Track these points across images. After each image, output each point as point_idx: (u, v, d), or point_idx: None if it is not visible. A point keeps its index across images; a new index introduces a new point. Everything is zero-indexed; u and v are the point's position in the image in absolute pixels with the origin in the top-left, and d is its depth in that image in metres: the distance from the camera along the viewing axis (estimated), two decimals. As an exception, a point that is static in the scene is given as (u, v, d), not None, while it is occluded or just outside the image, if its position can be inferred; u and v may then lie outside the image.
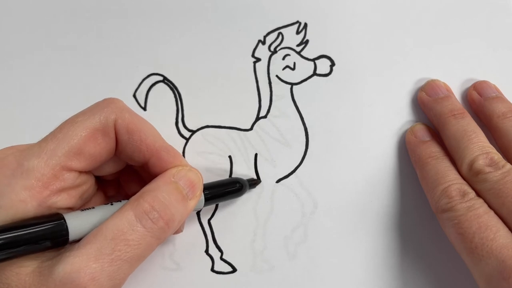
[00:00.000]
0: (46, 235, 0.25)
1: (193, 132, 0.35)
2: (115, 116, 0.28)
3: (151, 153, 0.29)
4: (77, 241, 0.26)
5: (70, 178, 0.27)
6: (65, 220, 0.26)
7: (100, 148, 0.28)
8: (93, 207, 0.27)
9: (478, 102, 0.34)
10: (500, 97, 0.34)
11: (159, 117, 0.36)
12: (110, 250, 0.25)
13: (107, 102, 0.28)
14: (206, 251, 0.34)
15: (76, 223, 0.26)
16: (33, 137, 0.35)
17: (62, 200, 0.27)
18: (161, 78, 0.36)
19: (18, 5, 0.37)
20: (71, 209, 0.28)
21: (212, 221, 0.34)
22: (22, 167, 0.26)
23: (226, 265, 0.34)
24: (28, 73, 0.36)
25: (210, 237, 0.34)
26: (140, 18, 0.37)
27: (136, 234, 0.26)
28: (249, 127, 0.35)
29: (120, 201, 0.28)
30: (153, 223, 0.26)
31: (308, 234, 0.34)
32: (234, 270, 0.34)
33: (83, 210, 0.27)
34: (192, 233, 0.34)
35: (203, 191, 0.31)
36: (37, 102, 0.36)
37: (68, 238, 0.26)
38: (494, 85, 0.34)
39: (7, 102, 0.36)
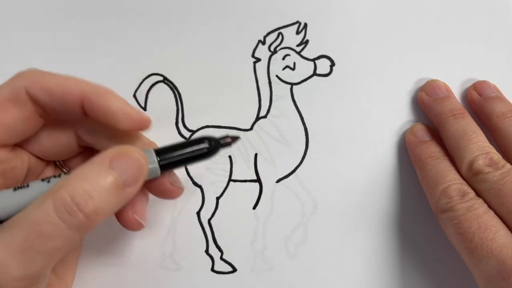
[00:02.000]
0: None
1: (193, 132, 0.35)
2: (25, 82, 0.27)
3: (80, 100, 0.27)
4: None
5: None
6: None
7: (13, 117, 0.27)
8: (27, 185, 0.26)
9: (478, 102, 0.34)
10: (500, 97, 0.34)
11: (159, 117, 0.35)
12: (22, 240, 0.23)
13: (18, 73, 0.28)
14: (206, 251, 0.34)
15: (4, 202, 0.25)
16: (33, 137, 0.35)
17: None
18: (161, 78, 0.36)
19: (18, 5, 0.37)
20: None
21: (212, 221, 0.34)
22: None
23: (226, 265, 0.34)
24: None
25: (210, 237, 0.34)
26: (140, 18, 0.37)
27: (52, 227, 0.24)
28: (249, 127, 0.35)
29: (59, 176, 0.26)
30: (71, 216, 0.24)
31: (308, 234, 0.34)
32: (234, 270, 0.34)
33: (16, 189, 0.26)
34: (192, 233, 0.34)
35: (159, 156, 0.27)
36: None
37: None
38: (494, 85, 0.34)
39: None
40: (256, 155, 0.35)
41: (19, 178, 0.29)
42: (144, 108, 0.36)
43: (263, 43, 0.36)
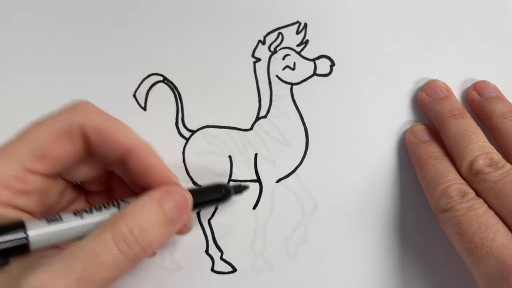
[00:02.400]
0: (5, 250, 0.24)
1: (193, 132, 0.35)
2: (82, 118, 0.28)
3: (124, 151, 0.28)
4: (41, 250, 0.26)
5: (33, 181, 0.27)
6: (26, 232, 0.25)
7: (66, 150, 0.27)
8: (60, 217, 0.27)
9: (478, 102, 0.34)
10: (500, 97, 0.34)
11: (159, 117, 0.36)
12: (80, 269, 0.24)
13: (75, 105, 0.28)
14: (206, 251, 0.34)
15: (39, 235, 0.25)
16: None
17: (23, 203, 0.26)
18: (161, 78, 0.36)
19: (18, 5, 0.37)
20: (32, 213, 0.28)
21: (212, 221, 0.34)
22: None
23: (226, 265, 0.34)
24: (28, 73, 0.36)
25: (210, 237, 0.34)
26: (140, 18, 0.37)
27: (110, 257, 0.25)
28: (249, 127, 0.35)
29: (91, 211, 0.27)
30: (129, 248, 0.26)
31: (308, 234, 0.34)
32: (234, 270, 0.34)
33: (49, 221, 0.26)
34: (192, 233, 0.34)
35: None
36: (37, 102, 0.36)
37: (29, 251, 0.25)
38: (494, 85, 0.34)
39: (7, 102, 0.36)
40: (256, 155, 0.35)
41: (52, 203, 0.30)
42: (144, 108, 0.36)
43: (263, 43, 0.36)
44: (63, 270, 0.24)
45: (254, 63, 0.36)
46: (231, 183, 0.33)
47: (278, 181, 0.35)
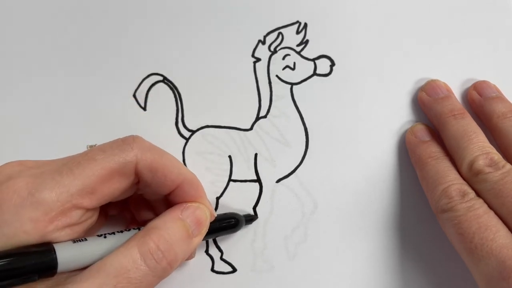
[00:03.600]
0: (33, 266, 0.24)
1: (193, 132, 0.35)
2: (136, 157, 0.28)
3: (175, 187, 0.29)
4: (67, 272, 0.26)
5: (77, 215, 0.27)
6: (55, 252, 0.25)
7: (115, 188, 0.28)
8: (85, 239, 0.27)
9: (478, 102, 0.34)
10: (500, 97, 0.34)
11: (159, 117, 0.36)
12: (112, 286, 0.24)
13: (128, 141, 0.28)
14: (206, 251, 0.34)
15: (66, 255, 0.25)
16: (33, 137, 0.35)
17: (65, 235, 0.26)
18: (161, 78, 0.36)
19: (18, 5, 0.37)
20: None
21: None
22: (32, 198, 0.25)
23: (226, 265, 0.34)
24: (28, 73, 0.36)
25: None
26: (140, 18, 0.37)
27: (139, 273, 0.25)
28: (249, 127, 0.35)
29: (114, 234, 0.28)
30: (157, 263, 0.26)
31: (308, 234, 0.34)
32: (234, 270, 0.34)
33: (74, 242, 0.26)
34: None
35: None
36: (36, 102, 0.36)
37: (56, 271, 0.25)
38: (494, 85, 0.34)
39: (7, 102, 0.36)
40: (256, 155, 0.35)
41: (85, 230, 0.29)
42: (144, 108, 0.36)
43: (263, 43, 0.36)
44: (93, 287, 0.24)
45: (254, 63, 0.36)
46: (241, 213, 0.34)
47: (278, 181, 0.35)
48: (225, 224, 0.32)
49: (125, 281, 0.25)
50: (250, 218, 0.34)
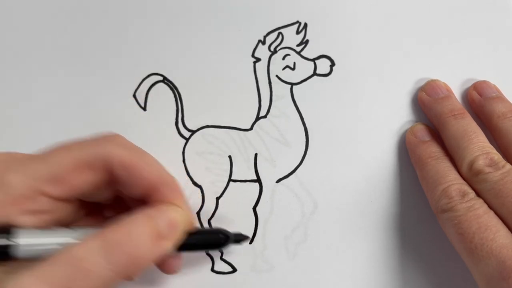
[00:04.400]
0: None
1: (193, 132, 0.35)
2: (110, 152, 0.27)
3: (150, 188, 0.28)
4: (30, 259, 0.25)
5: (44, 202, 0.26)
6: (12, 235, 0.25)
7: (84, 181, 0.27)
8: (52, 228, 0.26)
9: (478, 102, 0.34)
10: (500, 97, 0.34)
11: (159, 117, 0.36)
12: (65, 276, 0.23)
13: (108, 138, 0.28)
14: (206, 251, 0.34)
15: (26, 241, 0.25)
16: (33, 137, 0.35)
17: (29, 222, 0.26)
18: (161, 78, 0.36)
19: (18, 5, 0.37)
20: None
21: (212, 221, 0.34)
22: (1, 179, 0.25)
23: (226, 265, 0.34)
24: (28, 73, 0.36)
25: (210, 237, 0.34)
26: (140, 18, 0.37)
27: (96, 266, 0.24)
28: (249, 127, 0.35)
29: (84, 228, 0.27)
30: (117, 257, 0.25)
31: (308, 234, 0.34)
32: (234, 270, 0.34)
33: (39, 230, 0.26)
34: (192, 233, 0.34)
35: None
36: (36, 102, 0.36)
37: (13, 256, 0.25)
38: (494, 85, 0.34)
39: (7, 102, 0.36)
40: (256, 155, 0.35)
41: (64, 220, 0.29)
42: (144, 108, 0.36)
43: (263, 43, 0.36)
44: (46, 275, 0.23)
45: (254, 63, 0.36)
46: (232, 231, 0.31)
47: (278, 181, 0.35)
48: (210, 240, 0.30)
49: (81, 273, 0.23)
50: (241, 239, 0.32)
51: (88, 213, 0.31)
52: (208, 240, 0.30)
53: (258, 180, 0.35)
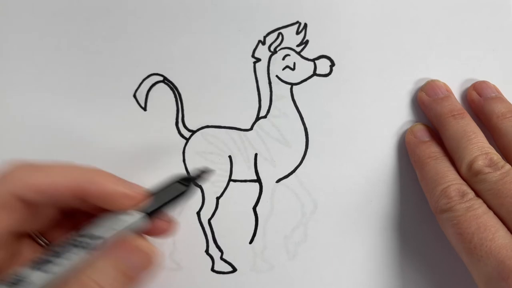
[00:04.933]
0: None
1: (193, 132, 0.35)
2: (12, 187, 0.26)
3: (75, 190, 0.27)
4: None
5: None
6: None
7: (2, 223, 0.26)
8: (20, 277, 0.25)
9: (478, 102, 0.34)
10: (499, 97, 0.34)
11: (159, 117, 0.36)
12: None
13: (2, 175, 0.27)
14: (206, 251, 0.34)
15: None
16: (33, 137, 0.35)
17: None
18: (161, 78, 0.36)
19: (18, 5, 0.37)
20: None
21: (212, 221, 0.34)
22: None
23: (226, 265, 0.34)
24: (28, 73, 0.36)
25: (210, 237, 0.34)
26: (140, 18, 0.37)
27: None
28: (249, 127, 0.35)
29: (54, 262, 0.26)
30: None
31: (308, 234, 0.34)
32: (234, 270, 0.34)
33: (11, 286, 0.25)
34: (192, 233, 0.34)
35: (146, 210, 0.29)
36: (37, 102, 0.36)
37: None
38: (493, 85, 0.34)
39: (7, 102, 0.36)
40: (256, 155, 0.35)
41: (9, 255, 0.29)
42: (144, 108, 0.36)
43: (263, 43, 0.36)
44: None
45: (254, 63, 0.36)
46: (191, 171, 0.31)
47: (278, 181, 0.35)
48: (175, 193, 0.30)
49: None
50: (202, 174, 0.31)
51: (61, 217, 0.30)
52: (173, 195, 0.30)
53: (258, 180, 0.35)
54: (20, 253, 0.29)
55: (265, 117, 0.35)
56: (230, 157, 0.35)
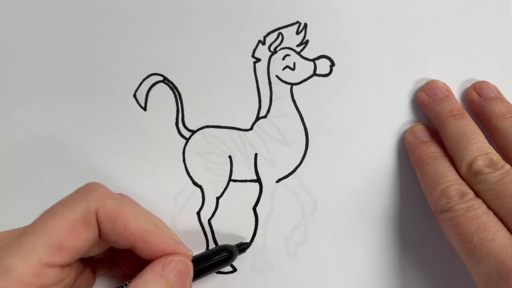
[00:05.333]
0: None
1: (193, 132, 0.35)
2: (97, 204, 0.27)
3: (136, 239, 0.28)
4: None
5: (51, 274, 0.26)
6: None
7: (82, 239, 0.26)
8: None
9: (478, 103, 0.34)
10: (499, 98, 0.34)
11: (159, 117, 0.36)
12: None
13: (88, 190, 0.27)
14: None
15: None
16: (33, 137, 0.35)
17: None
18: (161, 78, 0.36)
19: (18, 5, 0.37)
20: None
21: (212, 221, 0.35)
22: (0, 266, 0.24)
23: (226, 265, 0.34)
24: (28, 73, 0.36)
25: (210, 237, 0.34)
26: (140, 18, 0.37)
27: None
28: (249, 127, 0.35)
29: None
30: None
31: (308, 234, 0.34)
32: (234, 270, 0.34)
33: None
34: (192, 233, 0.34)
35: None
36: (37, 102, 0.36)
37: None
38: (493, 85, 0.34)
39: (7, 102, 0.36)
40: (256, 155, 0.35)
41: (66, 285, 0.29)
42: (144, 108, 0.36)
43: (263, 43, 0.36)
44: None
45: (254, 63, 0.36)
46: (232, 243, 0.33)
47: (278, 181, 0.35)
48: (218, 259, 0.31)
49: None
50: (243, 247, 0.33)
51: (83, 269, 0.30)
52: (215, 263, 0.31)
53: (258, 180, 0.35)
54: (77, 275, 0.29)
55: (265, 117, 0.35)
56: (230, 157, 0.35)
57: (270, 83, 0.36)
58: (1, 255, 0.25)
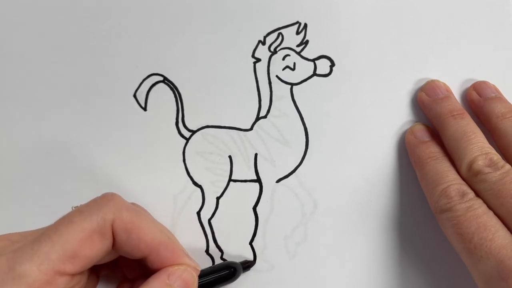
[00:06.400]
0: None
1: (193, 132, 0.35)
2: (113, 215, 0.27)
3: (150, 251, 0.28)
4: None
5: (62, 282, 0.26)
6: None
7: (97, 249, 0.27)
8: None
9: (478, 103, 0.34)
10: (499, 98, 0.34)
11: (159, 117, 0.36)
12: None
13: (106, 200, 0.27)
14: (206, 251, 0.34)
15: None
16: (32, 138, 0.35)
17: None
18: (161, 78, 0.36)
19: (18, 5, 0.37)
20: None
21: (212, 221, 0.34)
22: (13, 272, 0.24)
23: (226, 265, 0.34)
24: (28, 73, 0.36)
25: (210, 237, 0.34)
26: (140, 18, 0.37)
27: None
28: (249, 127, 0.35)
29: None
30: None
31: (308, 234, 0.34)
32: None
33: None
34: (192, 233, 0.34)
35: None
36: (37, 102, 0.36)
37: None
38: (493, 85, 0.34)
39: (7, 102, 0.36)
40: (256, 155, 0.35)
41: None
42: (144, 108, 0.36)
43: (263, 43, 0.36)
44: None
45: (254, 63, 0.36)
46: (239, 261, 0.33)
47: (278, 181, 0.35)
48: (222, 275, 0.32)
49: None
50: (248, 265, 0.33)
51: (89, 274, 0.30)
52: (219, 279, 0.31)
53: (258, 180, 0.35)
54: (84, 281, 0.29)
55: (265, 117, 0.35)
56: (230, 157, 0.35)
57: (270, 83, 0.36)
58: (15, 260, 0.25)
